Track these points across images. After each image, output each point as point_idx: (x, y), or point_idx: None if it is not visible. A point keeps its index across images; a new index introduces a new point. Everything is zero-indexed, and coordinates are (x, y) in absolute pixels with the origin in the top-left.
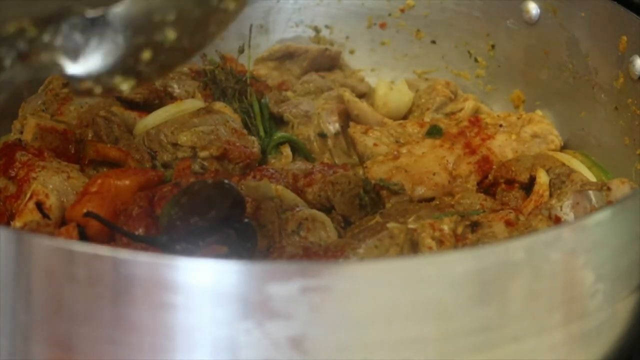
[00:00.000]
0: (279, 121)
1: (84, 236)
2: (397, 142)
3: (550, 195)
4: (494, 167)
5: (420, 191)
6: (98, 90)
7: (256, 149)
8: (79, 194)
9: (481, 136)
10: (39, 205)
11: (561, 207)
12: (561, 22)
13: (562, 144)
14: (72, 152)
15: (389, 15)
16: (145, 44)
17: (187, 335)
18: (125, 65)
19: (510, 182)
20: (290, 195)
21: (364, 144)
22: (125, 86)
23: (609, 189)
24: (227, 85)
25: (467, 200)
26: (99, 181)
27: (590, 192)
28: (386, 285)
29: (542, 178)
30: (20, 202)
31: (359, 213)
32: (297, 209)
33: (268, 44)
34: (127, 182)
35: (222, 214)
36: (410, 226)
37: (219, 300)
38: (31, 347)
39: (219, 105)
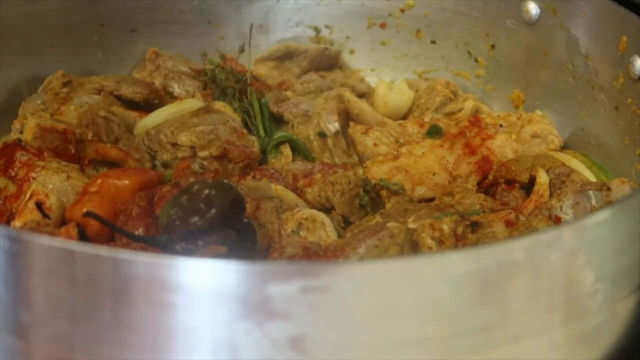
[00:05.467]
0: (279, 121)
1: (84, 236)
2: (397, 142)
3: (550, 195)
4: (494, 167)
5: (420, 191)
6: None
7: (256, 148)
8: (79, 194)
9: (481, 136)
10: (39, 205)
11: (561, 207)
12: (561, 22)
13: (562, 144)
14: (72, 152)
15: (389, 15)
16: None
17: (187, 335)
18: None
19: (510, 182)
20: (290, 195)
21: (364, 144)
22: None
23: (609, 189)
24: (227, 84)
25: (467, 200)
26: (99, 181)
27: (590, 192)
28: (386, 285)
29: (542, 178)
30: (20, 202)
31: (359, 213)
32: (297, 209)
33: (268, 44)
34: (127, 182)
35: (222, 214)
36: (410, 226)
37: (219, 300)
38: (31, 347)
39: (219, 105)
